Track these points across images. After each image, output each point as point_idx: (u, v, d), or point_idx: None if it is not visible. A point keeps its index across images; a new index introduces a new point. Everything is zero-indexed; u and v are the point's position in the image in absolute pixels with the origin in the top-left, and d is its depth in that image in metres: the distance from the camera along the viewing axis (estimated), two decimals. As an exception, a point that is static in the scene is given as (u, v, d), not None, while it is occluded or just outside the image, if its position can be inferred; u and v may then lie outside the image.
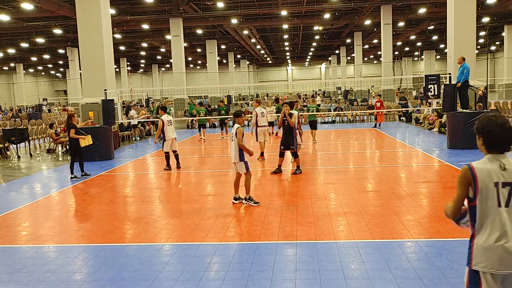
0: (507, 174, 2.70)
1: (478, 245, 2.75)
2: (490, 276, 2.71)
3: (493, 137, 2.72)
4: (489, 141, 2.75)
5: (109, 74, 17.82)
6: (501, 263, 2.67)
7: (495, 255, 2.68)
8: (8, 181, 11.21)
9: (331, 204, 7.50)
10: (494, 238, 2.69)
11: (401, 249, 5.33)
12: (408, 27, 39.88)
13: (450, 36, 18.97)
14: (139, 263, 5.25)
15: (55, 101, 57.73)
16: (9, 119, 27.39)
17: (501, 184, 2.69)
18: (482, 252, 2.72)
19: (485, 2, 28.84)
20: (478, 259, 2.74)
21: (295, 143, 10.14)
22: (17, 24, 29.58)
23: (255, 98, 36.87)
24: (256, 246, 5.61)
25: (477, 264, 2.74)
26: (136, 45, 44.55)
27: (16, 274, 5.07)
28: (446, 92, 13.56)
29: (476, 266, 2.75)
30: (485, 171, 2.72)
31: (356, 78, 43.52)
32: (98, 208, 8.03)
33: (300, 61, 74.26)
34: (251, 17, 33.06)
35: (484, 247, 2.71)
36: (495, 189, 2.70)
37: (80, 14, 17.53)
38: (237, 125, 7.66)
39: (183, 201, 8.41)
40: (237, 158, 7.57)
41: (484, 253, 2.71)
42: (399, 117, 24.90)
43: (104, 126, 14.49)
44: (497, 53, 59.98)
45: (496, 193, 2.70)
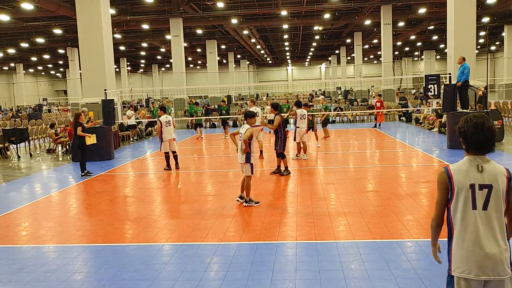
0: (485, 176, 2.61)
1: (455, 249, 2.67)
2: (464, 281, 2.62)
3: (470, 138, 2.64)
4: (466, 142, 2.68)
5: (109, 74, 17.83)
6: (479, 269, 2.58)
7: (472, 260, 2.59)
8: (8, 181, 11.21)
9: (331, 204, 7.50)
10: (470, 242, 2.60)
11: (401, 249, 5.33)
12: (408, 27, 39.87)
13: (450, 36, 18.98)
14: (139, 263, 5.25)
15: (55, 101, 57.72)
16: (9, 119, 27.39)
17: (478, 186, 2.60)
18: (459, 257, 2.64)
19: (485, 2, 28.84)
20: (457, 265, 2.66)
21: (280, 144, 10.19)
22: (17, 24, 29.57)
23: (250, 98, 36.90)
24: (256, 246, 5.61)
25: (456, 269, 2.67)
26: (136, 45, 44.55)
27: (16, 274, 5.07)
28: (446, 92, 13.56)
29: (454, 272, 2.67)
30: (461, 173, 2.65)
31: (356, 78, 43.53)
32: (98, 208, 8.03)
33: (300, 61, 74.26)
34: (251, 17, 33.06)
35: (461, 252, 2.63)
36: (470, 191, 2.61)
37: (80, 14, 17.53)
38: (247, 126, 7.55)
39: (183, 201, 8.41)
40: (243, 159, 7.52)
41: (461, 258, 2.63)
42: (399, 117, 24.91)
43: (104, 126, 14.49)
44: (497, 53, 59.98)
45: (471, 195, 2.61)
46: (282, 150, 10.26)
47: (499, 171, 2.63)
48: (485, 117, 2.65)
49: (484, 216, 2.60)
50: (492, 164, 2.66)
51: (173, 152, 11.70)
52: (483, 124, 2.61)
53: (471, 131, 2.63)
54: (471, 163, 2.66)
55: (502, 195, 2.61)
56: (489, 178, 2.61)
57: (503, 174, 2.63)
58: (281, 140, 10.25)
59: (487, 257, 2.57)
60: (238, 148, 7.62)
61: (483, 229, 2.60)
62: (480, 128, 2.61)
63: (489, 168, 2.63)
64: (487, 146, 2.64)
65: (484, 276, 2.58)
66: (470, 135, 2.63)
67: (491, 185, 2.60)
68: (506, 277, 2.60)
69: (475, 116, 2.66)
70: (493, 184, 2.60)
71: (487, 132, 2.61)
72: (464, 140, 2.69)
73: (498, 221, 2.61)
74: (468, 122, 2.65)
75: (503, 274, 2.59)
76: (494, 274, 2.57)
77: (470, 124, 2.63)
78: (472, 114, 2.71)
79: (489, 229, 2.60)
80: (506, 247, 2.61)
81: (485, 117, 2.66)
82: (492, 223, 2.60)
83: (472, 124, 2.63)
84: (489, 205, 2.60)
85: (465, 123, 2.67)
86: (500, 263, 2.58)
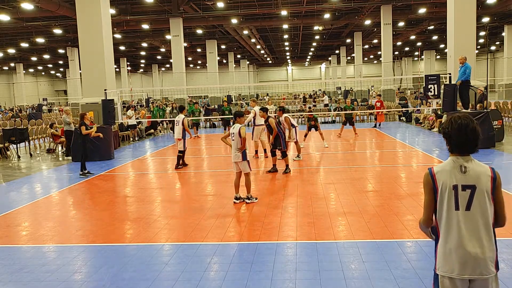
0: (468, 177, 2.61)
1: (439, 248, 2.70)
2: (449, 281, 2.63)
3: (454, 139, 2.65)
4: (450, 143, 2.69)
5: (109, 74, 17.83)
6: (461, 268, 2.60)
7: (455, 260, 2.61)
8: (8, 181, 11.21)
9: (331, 204, 7.50)
10: (453, 242, 2.62)
11: (401, 249, 5.33)
12: (408, 27, 39.88)
13: (450, 36, 18.98)
14: (139, 263, 5.25)
15: (55, 101, 57.71)
16: (9, 119, 27.38)
17: (461, 187, 2.61)
18: (443, 257, 2.66)
19: (485, 2, 28.85)
20: (441, 264, 2.68)
21: (282, 143, 10.34)
22: (17, 24, 29.57)
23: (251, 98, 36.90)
24: (256, 246, 5.61)
25: (440, 268, 2.69)
26: (136, 45, 44.55)
27: (16, 274, 5.07)
28: (446, 92, 13.56)
29: (439, 270, 2.69)
30: (445, 173, 2.66)
31: (356, 78, 43.53)
32: (98, 208, 8.03)
33: (300, 61, 74.25)
34: (251, 17, 33.06)
35: (444, 251, 2.65)
36: (452, 192, 2.62)
37: (80, 14, 17.53)
38: (239, 125, 7.79)
39: (183, 201, 8.40)
40: (239, 157, 7.62)
41: (445, 257, 2.65)
42: (399, 117, 24.90)
43: (104, 126, 14.49)
44: (497, 53, 59.97)
45: (454, 196, 2.62)
46: (285, 148, 10.40)
47: (483, 171, 2.64)
48: (469, 118, 2.66)
49: (467, 216, 2.61)
50: (476, 164, 2.66)
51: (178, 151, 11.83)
52: (467, 125, 2.62)
53: (455, 132, 2.64)
54: (454, 163, 2.67)
55: (487, 195, 2.61)
56: (472, 179, 2.61)
57: (487, 174, 2.64)
58: (282, 139, 10.33)
59: (469, 256, 2.59)
60: (233, 147, 7.72)
61: (466, 230, 2.61)
62: (464, 129, 2.62)
63: (472, 168, 2.64)
64: (471, 147, 2.65)
65: (466, 275, 2.60)
66: (454, 136, 2.64)
67: (475, 186, 2.61)
68: (490, 276, 2.61)
69: (460, 117, 2.66)
70: (476, 184, 2.61)
71: (471, 133, 2.62)
72: (448, 141, 2.69)
73: (483, 221, 2.62)
74: (452, 123, 2.66)
75: (486, 273, 2.60)
76: (476, 273, 2.59)
77: (455, 125, 2.64)
78: (457, 115, 2.70)
79: (472, 230, 2.61)
80: (490, 247, 2.62)
81: (470, 118, 2.66)
82: (476, 223, 2.61)
83: (456, 125, 2.63)
84: (473, 205, 2.61)
85: (449, 124, 2.67)
86: (483, 263, 2.59)
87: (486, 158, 11.34)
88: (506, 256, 5.01)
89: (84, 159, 11.17)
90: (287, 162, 10.47)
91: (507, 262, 4.85)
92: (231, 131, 7.84)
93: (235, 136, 7.68)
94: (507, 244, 5.35)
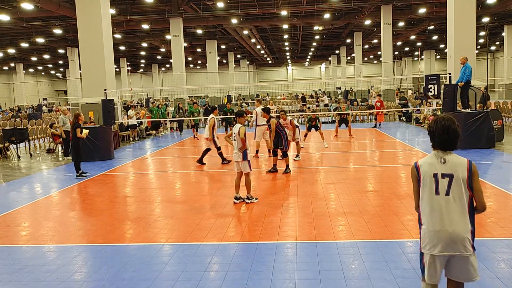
0: (447, 167, 3.02)
1: (423, 229, 3.11)
2: (431, 257, 3.05)
3: (437, 137, 3.07)
4: (433, 141, 3.12)
5: (109, 74, 17.84)
6: (442, 247, 3.00)
7: (436, 239, 3.01)
8: (8, 181, 11.21)
9: (331, 204, 7.50)
10: (435, 224, 3.02)
11: (401, 249, 5.32)
12: (408, 27, 39.88)
13: (450, 36, 18.99)
14: (139, 263, 5.25)
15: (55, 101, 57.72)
16: (9, 119, 27.38)
17: (440, 175, 3.03)
18: (426, 237, 3.07)
19: (485, 2, 28.86)
20: (424, 243, 3.09)
21: (283, 142, 10.38)
22: (17, 24, 29.58)
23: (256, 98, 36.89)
24: (256, 246, 5.61)
25: (424, 247, 3.10)
26: (136, 45, 44.55)
27: (16, 274, 5.07)
28: (446, 92, 13.56)
29: (423, 249, 3.11)
30: (427, 164, 3.10)
31: (356, 78, 43.53)
32: (98, 208, 8.03)
33: (300, 61, 74.25)
34: (251, 17, 33.06)
35: (427, 231, 3.06)
36: (433, 179, 3.04)
37: (80, 14, 17.54)
38: (239, 125, 7.82)
39: (183, 201, 8.40)
40: (240, 157, 7.64)
41: (428, 237, 3.05)
42: (399, 117, 24.90)
43: (104, 126, 14.49)
44: (497, 53, 59.98)
45: (434, 182, 3.04)
46: (286, 148, 10.45)
47: (460, 162, 3.05)
48: (451, 120, 3.06)
49: (447, 200, 3.02)
50: (454, 157, 3.07)
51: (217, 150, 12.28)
52: (449, 126, 3.04)
53: (438, 131, 3.06)
54: (436, 157, 3.10)
55: (463, 183, 3.01)
56: (450, 168, 3.03)
57: (464, 165, 3.04)
58: (284, 139, 10.36)
59: (448, 236, 2.98)
60: (234, 147, 7.74)
61: (446, 212, 3.00)
62: (447, 129, 3.03)
63: (451, 159, 3.05)
64: (451, 144, 3.06)
65: (446, 252, 3.01)
66: (437, 135, 3.06)
67: (452, 174, 3.02)
68: (467, 254, 2.99)
69: (444, 119, 3.07)
70: (453, 173, 3.02)
71: (452, 134, 3.04)
72: (432, 138, 3.13)
73: (460, 205, 3.01)
74: (437, 123, 3.07)
75: (464, 251, 2.99)
76: (455, 251, 2.99)
77: (439, 125, 3.05)
78: (442, 117, 3.10)
79: (450, 212, 3.00)
80: (467, 228, 3.00)
81: (452, 120, 3.06)
82: (454, 207, 3.00)
83: (440, 125, 3.05)
84: (451, 191, 3.01)
85: (434, 124, 3.09)
86: (461, 242, 2.98)
87: (486, 158, 11.35)
88: (506, 256, 5.00)
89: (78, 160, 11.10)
90: (287, 162, 10.51)
91: (507, 262, 4.85)
92: (233, 131, 7.89)
93: (236, 136, 7.71)
94: (507, 244, 5.35)
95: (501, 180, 8.78)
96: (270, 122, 10.55)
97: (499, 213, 6.59)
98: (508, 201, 7.32)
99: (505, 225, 6.01)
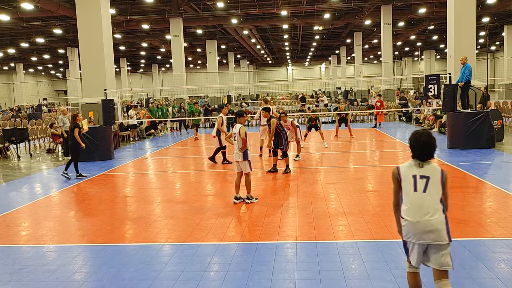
0: (424, 170, 3.50)
1: (404, 221, 3.53)
2: (412, 245, 3.51)
3: (416, 150, 3.52)
4: (412, 152, 3.56)
5: (109, 74, 17.83)
6: (420, 236, 3.43)
7: (415, 230, 3.44)
8: (8, 181, 11.21)
9: (331, 204, 7.50)
10: (413, 215, 3.45)
11: (401, 249, 5.31)
12: (408, 27, 39.88)
13: (450, 36, 18.98)
14: (139, 263, 5.25)
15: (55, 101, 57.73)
16: (9, 119, 27.38)
17: (419, 176, 3.50)
18: (407, 226, 3.50)
19: (485, 2, 28.85)
20: (405, 233, 3.53)
21: (283, 143, 10.40)
22: (17, 24, 29.59)
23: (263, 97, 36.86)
24: (256, 246, 5.61)
25: (405, 236, 3.54)
26: (136, 45, 44.56)
27: (16, 274, 5.07)
28: (446, 92, 13.55)
29: (404, 237, 3.55)
30: (406, 167, 3.58)
31: (356, 78, 43.52)
32: (98, 208, 8.03)
33: (300, 61, 74.24)
34: (251, 17, 33.06)
35: (408, 223, 3.49)
36: (412, 179, 3.51)
37: (80, 14, 17.53)
38: (239, 125, 7.81)
39: (183, 201, 8.40)
40: (241, 157, 7.65)
41: (409, 228, 3.49)
42: (399, 117, 24.90)
43: (104, 126, 14.48)
44: (497, 53, 59.96)
45: (413, 182, 3.50)
46: (286, 148, 10.48)
47: (436, 168, 3.52)
48: (429, 135, 3.50)
49: (424, 196, 3.46)
50: (430, 164, 3.53)
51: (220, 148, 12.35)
52: (426, 142, 3.48)
53: (418, 146, 3.50)
54: (414, 163, 3.55)
55: (438, 184, 3.47)
56: (427, 172, 3.49)
57: (438, 170, 3.51)
58: (284, 139, 10.38)
59: (425, 227, 3.41)
60: (235, 147, 7.74)
61: (423, 207, 3.44)
62: (425, 145, 3.48)
63: (428, 166, 3.52)
64: (429, 156, 3.52)
65: (423, 241, 3.44)
66: (417, 149, 3.51)
67: (429, 176, 3.48)
68: (443, 243, 3.41)
69: (422, 135, 3.50)
70: (430, 175, 3.48)
71: (429, 147, 3.49)
72: (412, 150, 3.55)
73: (435, 201, 3.44)
74: (417, 139, 3.51)
75: (439, 240, 3.40)
76: (431, 239, 3.42)
77: (418, 141, 3.49)
78: (420, 132, 3.52)
79: (427, 207, 3.43)
80: (441, 220, 3.41)
81: (429, 135, 3.51)
82: (430, 203, 3.44)
83: (420, 142, 3.49)
84: (428, 189, 3.46)
85: (414, 140, 3.52)
86: (437, 232, 3.40)
87: (486, 158, 11.35)
88: (506, 256, 5.00)
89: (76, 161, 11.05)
90: (287, 162, 10.51)
91: (507, 262, 4.85)
92: (233, 131, 7.88)
93: (236, 136, 7.71)
94: (507, 244, 5.35)
95: (501, 180, 8.77)
96: (271, 122, 10.56)
97: (499, 213, 6.59)
98: (508, 201, 7.32)
99: (505, 225, 6.01)
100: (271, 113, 11.60)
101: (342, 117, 18.18)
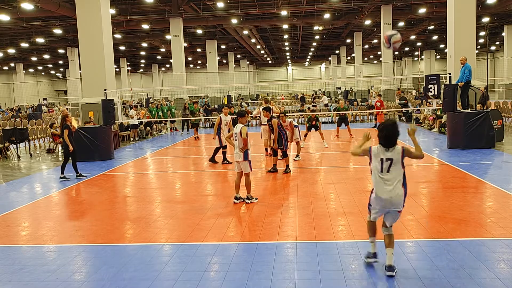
0: (389, 154, 4.50)
1: (373, 195, 4.63)
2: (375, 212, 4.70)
3: (382, 138, 4.53)
4: (380, 139, 4.55)
5: (109, 74, 17.83)
6: (384, 205, 4.55)
7: (381, 201, 4.55)
8: (8, 181, 11.21)
9: (331, 204, 7.51)
10: (380, 191, 4.52)
11: (401, 249, 5.32)
12: (408, 27, 39.86)
13: (450, 36, 18.98)
14: (139, 263, 5.25)
15: (55, 101, 57.73)
16: (9, 119, 27.38)
17: (385, 159, 4.51)
18: (374, 200, 4.61)
19: (485, 2, 28.84)
20: (373, 205, 4.69)
21: (283, 142, 10.41)
22: (17, 24, 29.57)
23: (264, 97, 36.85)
24: (256, 246, 5.61)
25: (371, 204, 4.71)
26: (136, 45, 44.54)
27: (16, 274, 5.07)
28: (446, 92, 13.55)
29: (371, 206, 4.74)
30: (375, 150, 4.58)
31: (356, 78, 43.52)
32: (98, 208, 8.03)
33: (300, 61, 74.22)
34: (251, 17, 33.05)
35: (376, 197, 4.57)
36: (380, 161, 4.53)
37: (80, 14, 17.54)
38: (240, 125, 7.80)
39: (183, 201, 8.40)
40: (241, 157, 7.65)
41: (376, 200, 4.59)
42: (399, 117, 24.89)
43: (104, 126, 14.48)
44: (497, 53, 59.95)
45: (380, 163, 4.53)
46: (286, 148, 10.49)
47: (398, 150, 4.50)
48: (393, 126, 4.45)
49: (387, 176, 4.51)
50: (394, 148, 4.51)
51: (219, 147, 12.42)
52: (391, 133, 4.47)
53: (384, 135, 4.51)
54: (381, 148, 4.55)
55: (399, 164, 4.49)
56: (391, 155, 4.50)
57: (400, 150, 4.50)
58: (284, 139, 10.39)
59: (389, 200, 4.50)
60: (235, 147, 7.74)
61: (387, 184, 4.49)
62: (389, 135, 4.49)
63: (392, 150, 4.51)
64: (393, 142, 4.51)
65: (387, 208, 4.57)
66: (383, 138, 4.52)
67: (392, 159, 4.50)
68: (398, 209, 4.57)
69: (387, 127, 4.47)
70: (393, 158, 4.50)
71: (393, 136, 4.48)
72: (379, 137, 4.53)
73: (397, 179, 4.49)
74: (382, 131, 4.51)
75: (396, 208, 4.55)
76: (391, 208, 4.55)
77: (384, 129, 4.49)
78: (386, 124, 4.49)
79: (390, 184, 4.48)
80: (400, 193, 4.48)
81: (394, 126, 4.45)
82: (393, 180, 4.49)
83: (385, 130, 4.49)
84: (391, 169, 4.50)
85: (380, 130, 4.53)
86: (396, 202, 4.51)
87: (486, 158, 11.35)
88: (506, 256, 5.00)
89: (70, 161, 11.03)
90: (287, 162, 10.51)
91: (507, 262, 4.85)
92: (234, 131, 7.86)
93: (237, 136, 7.70)
94: (507, 244, 5.35)
95: (501, 180, 8.78)
96: (272, 122, 10.53)
97: (499, 213, 6.59)
98: (508, 201, 7.32)
99: (505, 225, 6.01)
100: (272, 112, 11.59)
101: (341, 116, 18.19)
